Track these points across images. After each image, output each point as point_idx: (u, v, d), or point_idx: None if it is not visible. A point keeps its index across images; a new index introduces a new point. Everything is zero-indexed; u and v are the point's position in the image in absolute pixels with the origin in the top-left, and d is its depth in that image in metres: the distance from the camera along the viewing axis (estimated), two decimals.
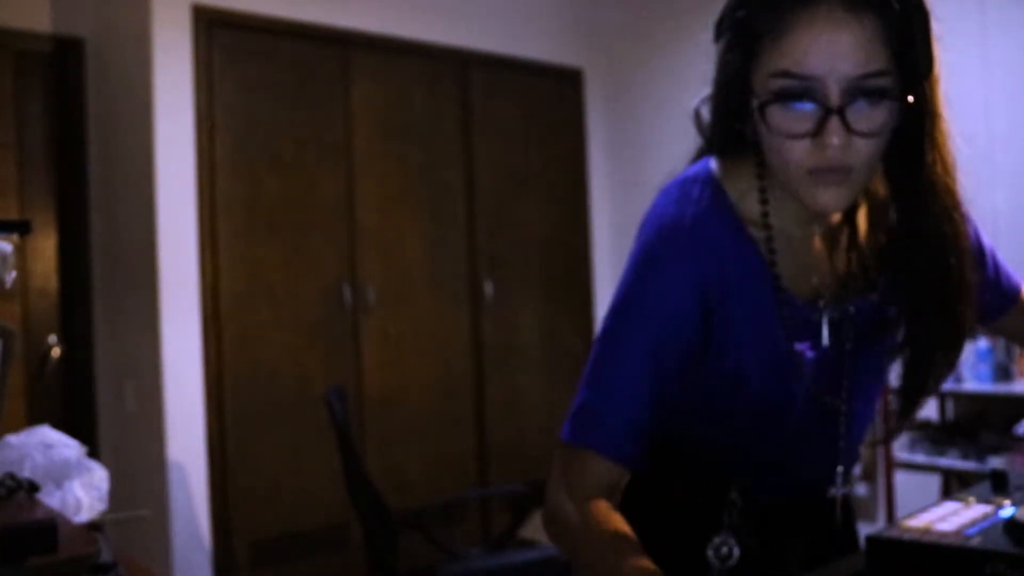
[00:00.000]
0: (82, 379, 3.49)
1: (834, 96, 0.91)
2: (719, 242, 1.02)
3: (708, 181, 1.06)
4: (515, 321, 4.13)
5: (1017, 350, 3.10)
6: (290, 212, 3.47)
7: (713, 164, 1.08)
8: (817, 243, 1.07)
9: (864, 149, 0.93)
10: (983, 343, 3.14)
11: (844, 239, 1.08)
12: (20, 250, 1.33)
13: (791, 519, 1.18)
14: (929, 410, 3.46)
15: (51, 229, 3.47)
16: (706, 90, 1.13)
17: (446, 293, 3.90)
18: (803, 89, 0.92)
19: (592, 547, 1.00)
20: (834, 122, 0.91)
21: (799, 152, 0.94)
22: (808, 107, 0.92)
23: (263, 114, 3.42)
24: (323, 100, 3.57)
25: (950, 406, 3.45)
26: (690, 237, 1.02)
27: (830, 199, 0.95)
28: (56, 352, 3.39)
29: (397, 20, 3.78)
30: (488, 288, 4.02)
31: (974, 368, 3.17)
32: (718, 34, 1.06)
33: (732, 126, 1.03)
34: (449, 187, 3.93)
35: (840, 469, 1.14)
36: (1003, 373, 3.14)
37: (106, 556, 1.01)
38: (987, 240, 1.21)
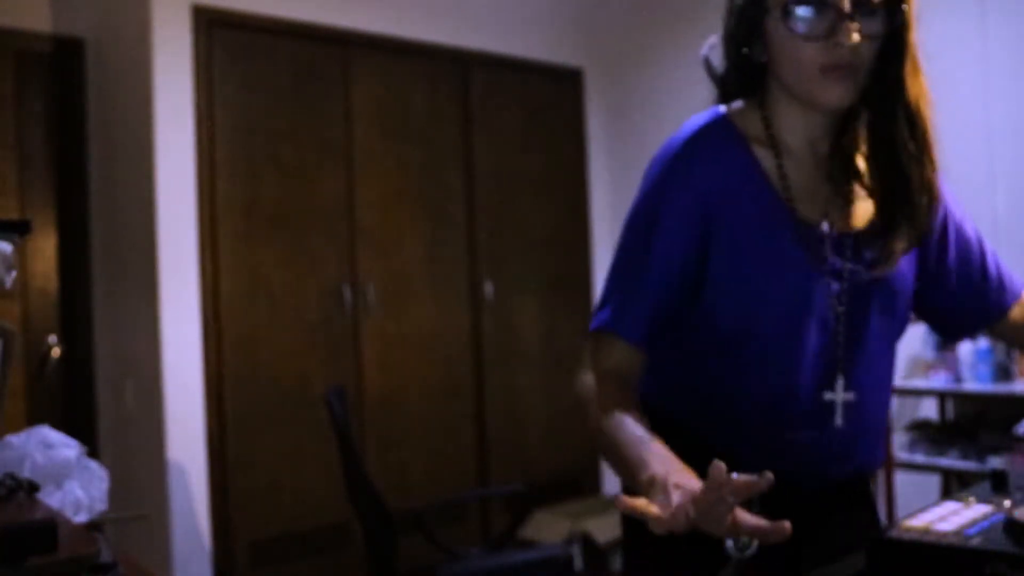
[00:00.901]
0: (82, 379, 3.49)
1: (847, 4, 1.08)
2: (721, 150, 1.18)
3: (712, 114, 1.23)
4: (515, 321, 4.13)
5: (1017, 350, 3.10)
6: (290, 212, 3.47)
7: (719, 109, 1.24)
8: (816, 175, 1.21)
9: (866, 51, 1.11)
10: (983, 343, 3.14)
11: (841, 166, 1.21)
12: (20, 250, 1.33)
13: (812, 504, 1.22)
14: (929, 410, 3.46)
15: (51, 229, 3.47)
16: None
17: (446, 293, 3.90)
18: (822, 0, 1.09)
19: (608, 426, 1.12)
20: (847, 24, 1.08)
21: (812, 51, 1.11)
22: (822, 14, 1.10)
23: (263, 114, 3.42)
24: (323, 100, 3.57)
25: (950, 406, 3.45)
26: (693, 146, 1.18)
27: (839, 93, 1.12)
28: (56, 352, 3.39)
29: (397, 20, 3.78)
30: (488, 288, 4.02)
31: (974, 368, 3.17)
32: None
33: (743, 50, 1.19)
34: (449, 187, 3.93)
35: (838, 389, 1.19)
36: (1003, 373, 3.14)
37: (106, 556, 1.01)
38: (988, 244, 1.32)
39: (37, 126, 3.45)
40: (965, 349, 3.16)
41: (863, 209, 1.21)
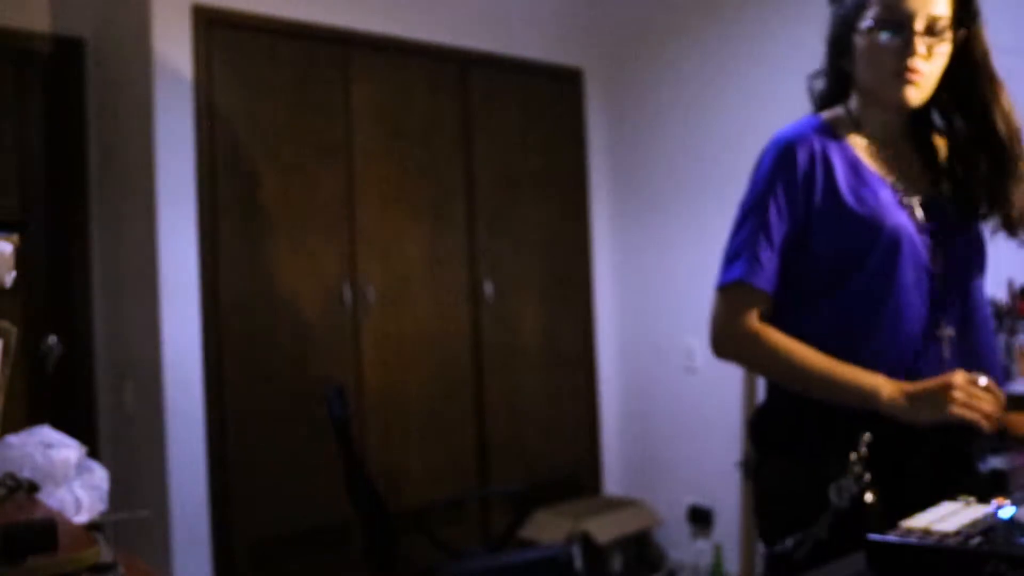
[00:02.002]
0: (82, 379, 3.49)
1: (920, 23, 1.42)
2: (818, 140, 1.49)
3: (811, 117, 1.56)
4: (515, 321, 4.13)
5: (1017, 350, 3.11)
6: (290, 212, 3.46)
7: (818, 115, 1.57)
8: (897, 160, 1.52)
9: (933, 63, 1.44)
10: None
11: (912, 150, 1.54)
12: (20, 250, 1.34)
13: (915, 449, 1.43)
14: None
15: (51, 229, 3.47)
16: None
17: (446, 293, 3.90)
18: (901, 19, 1.42)
19: (805, 355, 1.43)
20: (916, 40, 1.41)
21: (888, 58, 1.43)
22: (899, 31, 1.42)
23: (263, 114, 3.42)
24: (323, 100, 3.57)
25: None
26: (796, 138, 1.49)
27: (909, 93, 1.44)
28: (56, 352, 3.38)
29: (397, 20, 3.78)
30: (488, 288, 4.02)
31: None
32: None
33: (837, 63, 1.53)
34: (449, 187, 3.93)
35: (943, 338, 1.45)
36: (1003, 373, 3.14)
37: (106, 556, 1.01)
38: None
39: (37, 126, 3.45)
40: None
41: (938, 181, 1.52)
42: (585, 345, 4.41)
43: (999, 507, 1.11)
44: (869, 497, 1.35)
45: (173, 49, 3.22)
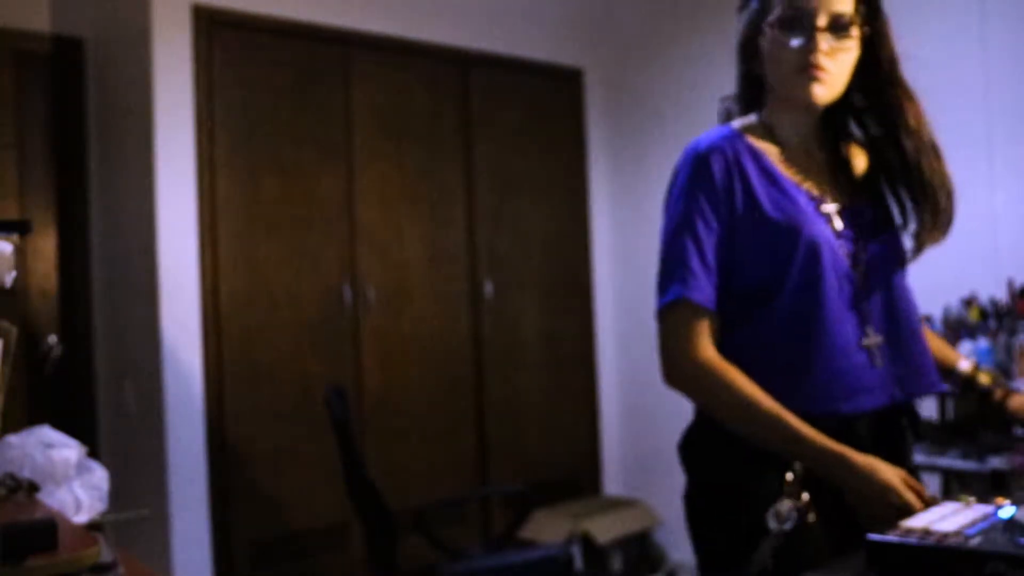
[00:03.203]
0: (82, 379, 3.49)
1: (823, 20, 1.40)
2: (732, 151, 1.45)
3: (722, 127, 1.52)
4: (515, 321, 4.13)
5: (1017, 350, 3.10)
6: (290, 212, 3.46)
7: (729, 124, 1.53)
8: (811, 164, 1.50)
9: (837, 58, 1.41)
10: (983, 343, 3.14)
11: (826, 157, 1.52)
12: (20, 250, 1.33)
13: (863, 441, 1.38)
14: (929, 410, 3.46)
15: (51, 229, 3.47)
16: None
17: (446, 293, 3.90)
18: (803, 16, 1.40)
19: (762, 407, 1.35)
20: (818, 35, 1.39)
21: (794, 57, 1.41)
22: (802, 28, 1.40)
23: (263, 114, 3.42)
24: (323, 100, 3.57)
25: (950, 406, 3.44)
26: (710, 152, 1.45)
27: (815, 90, 1.41)
28: (56, 352, 3.39)
29: (397, 20, 3.78)
30: (488, 288, 4.02)
31: None
32: (741, 6, 1.53)
33: (748, 68, 1.52)
34: (449, 187, 3.93)
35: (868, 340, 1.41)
36: (1003, 373, 3.14)
37: (106, 556, 1.01)
38: None
39: (37, 126, 3.45)
40: (965, 349, 3.16)
41: (854, 189, 1.51)
42: (585, 345, 4.41)
43: (999, 507, 1.11)
44: (811, 517, 1.30)
45: (173, 49, 3.22)
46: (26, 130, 3.42)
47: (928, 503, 1.24)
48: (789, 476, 1.31)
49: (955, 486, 3.26)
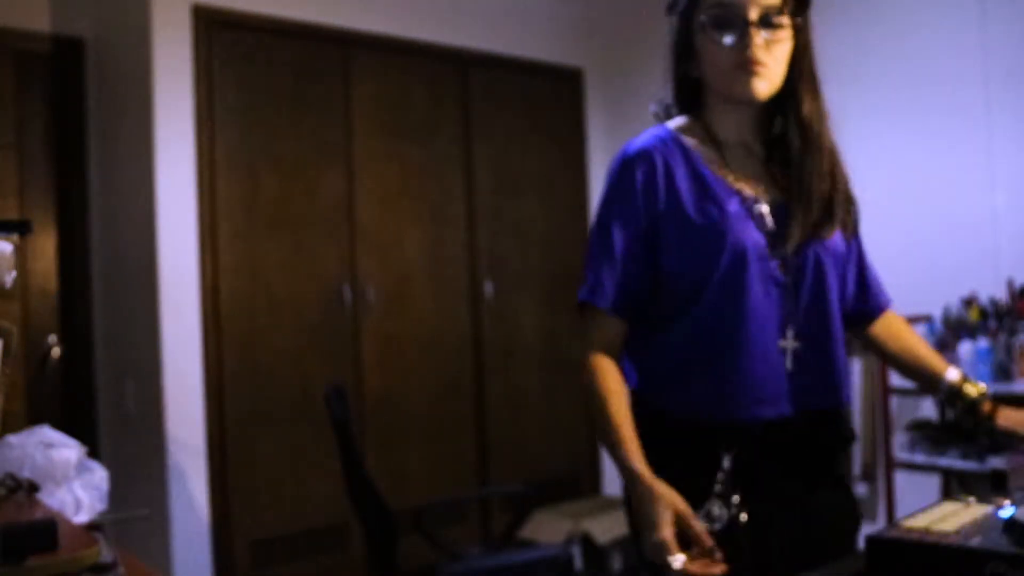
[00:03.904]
0: (82, 379, 3.49)
1: (754, 14, 1.38)
2: (663, 154, 1.46)
3: (657, 128, 1.53)
4: (515, 321, 4.13)
5: (1017, 350, 3.10)
6: (290, 212, 3.46)
7: (664, 125, 1.53)
8: (750, 163, 1.47)
9: (773, 51, 1.40)
10: (983, 343, 3.14)
11: (763, 155, 1.48)
12: (20, 250, 1.33)
13: (773, 446, 1.38)
14: (929, 410, 3.46)
15: (51, 229, 3.47)
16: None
17: (446, 293, 3.90)
18: (734, 12, 1.39)
19: (599, 408, 1.38)
20: (751, 31, 1.38)
21: (728, 53, 1.40)
22: (734, 25, 1.39)
23: (263, 114, 3.42)
24: (323, 100, 3.57)
25: (951, 410, 3.44)
26: (638, 156, 1.46)
27: (755, 85, 1.40)
28: (56, 352, 3.39)
29: (397, 20, 3.78)
30: (488, 288, 4.02)
31: (974, 368, 3.17)
32: (671, 7, 1.54)
33: (681, 69, 1.51)
34: (449, 187, 3.93)
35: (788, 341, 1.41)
36: (1003, 373, 3.14)
37: (106, 556, 1.01)
38: (867, 254, 1.60)
39: (37, 126, 3.45)
40: (965, 349, 3.16)
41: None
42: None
43: (999, 507, 1.11)
44: (743, 517, 1.29)
45: (173, 49, 3.22)
46: (26, 130, 3.42)
47: (708, 554, 1.17)
48: (719, 476, 1.30)
49: (955, 486, 3.26)
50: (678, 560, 1.16)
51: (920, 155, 3.40)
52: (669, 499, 1.22)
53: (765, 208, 1.42)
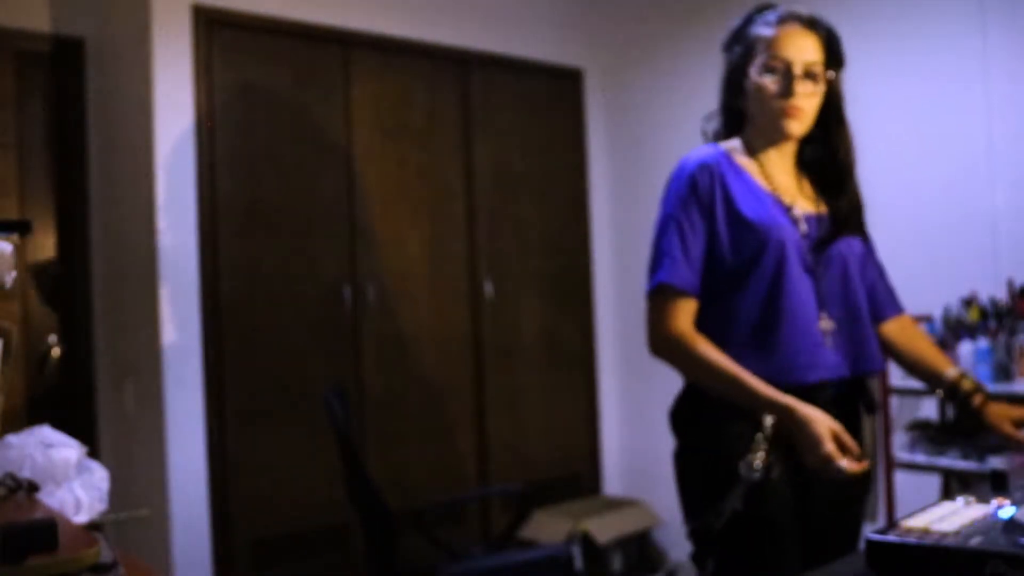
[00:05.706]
0: (82, 379, 3.49)
1: (799, 69, 1.73)
2: (718, 167, 1.76)
3: (710, 146, 1.84)
4: (515, 321, 4.13)
5: (1017, 350, 3.10)
6: (290, 212, 3.46)
7: (716, 144, 1.85)
8: (785, 180, 1.81)
9: (811, 100, 1.75)
10: (983, 343, 3.14)
11: (797, 174, 1.84)
12: (20, 250, 1.33)
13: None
14: (929, 410, 3.46)
15: (51, 229, 3.47)
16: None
17: (446, 293, 3.90)
18: (783, 65, 1.73)
19: (724, 368, 1.64)
20: (797, 84, 1.72)
21: (775, 100, 1.74)
22: (784, 77, 1.73)
23: (263, 114, 3.42)
24: (323, 100, 3.57)
25: (950, 406, 3.44)
26: (698, 167, 1.76)
27: (792, 127, 1.76)
28: (56, 352, 3.39)
29: (397, 20, 3.78)
30: (488, 288, 4.02)
31: (974, 368, 3.17)
32: (729, 44, 1.85)
33: (731, 102, 1.83)
34: (449, 187, 3.93)
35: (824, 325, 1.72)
36: (1003, 373, 3.14)
37: (106, 556, 1.01)
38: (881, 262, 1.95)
39: (37, 126, 3.45)
40: (965, 349, 3.16)
41: (817, 199, 1.84)
42: (585, 345, 4.41)
43: (999, 507, 1.11)
44: (776, 472, 1.56)
45: (173, 49, 3.22)
46: (26, 130, 3.42)
47: (857, 459, 1.51)
48: (759, 436, 1.57)
49: (955, 486, 3.26)
50: (843, 463, 1.47)
51: (920, 155, 3.40)
52: (824, 420, 1.52)
53: (799, 212, 1.76)
